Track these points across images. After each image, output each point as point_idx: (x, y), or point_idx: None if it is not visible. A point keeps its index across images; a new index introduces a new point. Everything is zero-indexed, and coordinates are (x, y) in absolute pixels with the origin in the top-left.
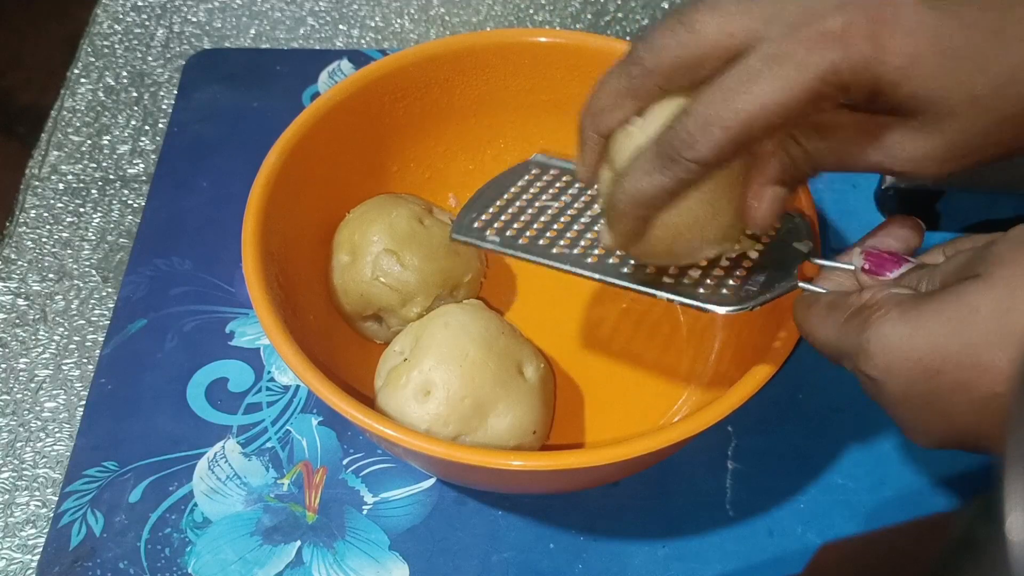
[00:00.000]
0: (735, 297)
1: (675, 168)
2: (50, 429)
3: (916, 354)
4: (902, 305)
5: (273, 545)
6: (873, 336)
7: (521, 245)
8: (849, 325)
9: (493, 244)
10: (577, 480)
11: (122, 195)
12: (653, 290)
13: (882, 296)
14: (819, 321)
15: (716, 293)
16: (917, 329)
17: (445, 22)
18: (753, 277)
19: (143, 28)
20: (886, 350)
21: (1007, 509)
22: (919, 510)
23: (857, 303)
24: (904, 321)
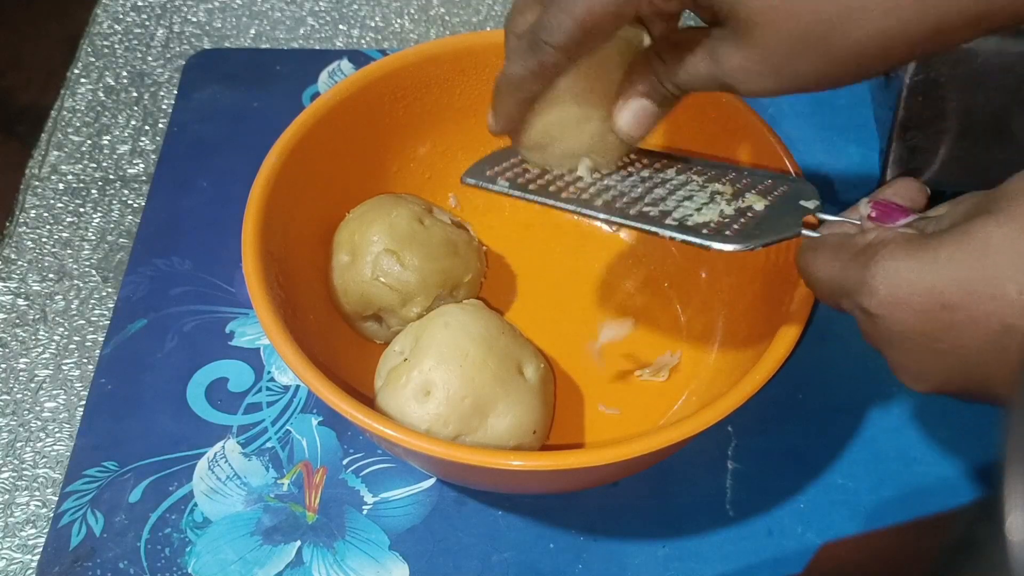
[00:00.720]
0: (738, 238)
1: (538, 52)
2: (50, 429)
3: (927, 288)
4: (911, 242)
5: (273, 545)
6: (880, 271)
7: (531, 190)
8: (854, 261)
9: (503, 188)
10: (577, 480)
11: (122, 195)
12: (656, 228)
13: (889, 235)
14: (823, 260)
15: (719, 234)
16: (928, 263)
17: (445, 22)
18: (757, 225)
19: (143, 28)
20: (892, 283)
21: (1007, 509)
22: (919, 510)
23: (863, 241)
24: (913, 257)
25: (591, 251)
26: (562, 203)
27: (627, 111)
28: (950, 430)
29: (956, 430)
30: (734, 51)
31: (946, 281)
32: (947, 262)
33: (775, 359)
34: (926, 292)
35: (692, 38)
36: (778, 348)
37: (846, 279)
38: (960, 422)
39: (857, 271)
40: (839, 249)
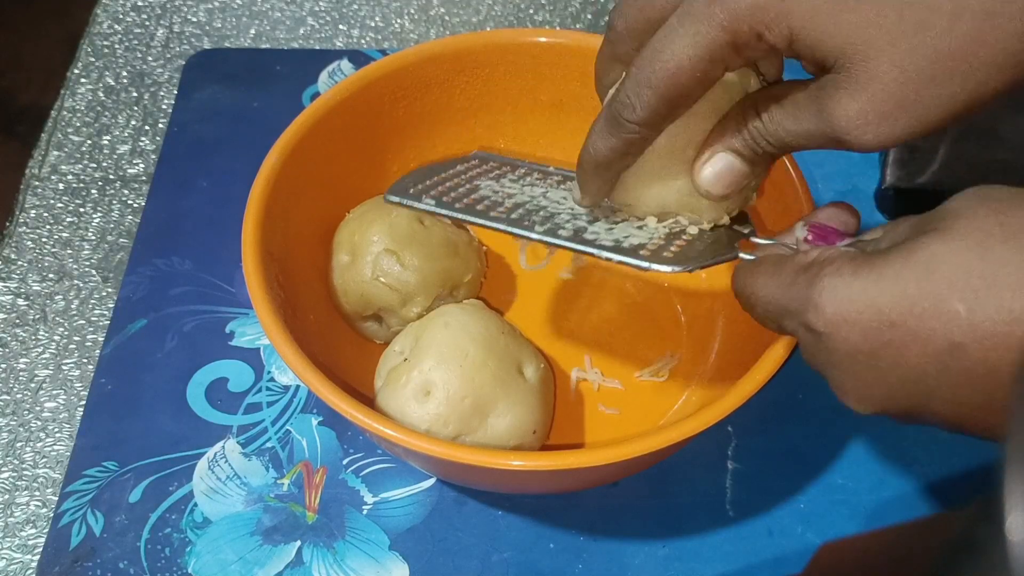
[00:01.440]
0: (676, 260)
1: (620, 131)
2: (50, 429)
3: (873, 306)
4: (855, 260)
5: (273, 545)
6: (826, 288)
7: (459, 208)
8: (797, 280)
9: (429, 205)
10: (577, 480)
11: (122, 195)
12: (592, 249)
13: (832, 253)
14: (764, 279)
15: (656, 256)
16: (875, 280)
17: (445, 22)
18: (693, 247)
19: (143, 28)
20: (838, 301)
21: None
22: (919, 510)
23: (805, 260)
24: (858, 274)
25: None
26: (491, 222)
27: (710, 167)
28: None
29: None
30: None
31: (893, 298)
32: (893, 279)
33: (775, 359)
34: (873, 310)
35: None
36: (778, 348)
37: (789, 298)
38: None
39: (801, 289)
40: (780, 268)
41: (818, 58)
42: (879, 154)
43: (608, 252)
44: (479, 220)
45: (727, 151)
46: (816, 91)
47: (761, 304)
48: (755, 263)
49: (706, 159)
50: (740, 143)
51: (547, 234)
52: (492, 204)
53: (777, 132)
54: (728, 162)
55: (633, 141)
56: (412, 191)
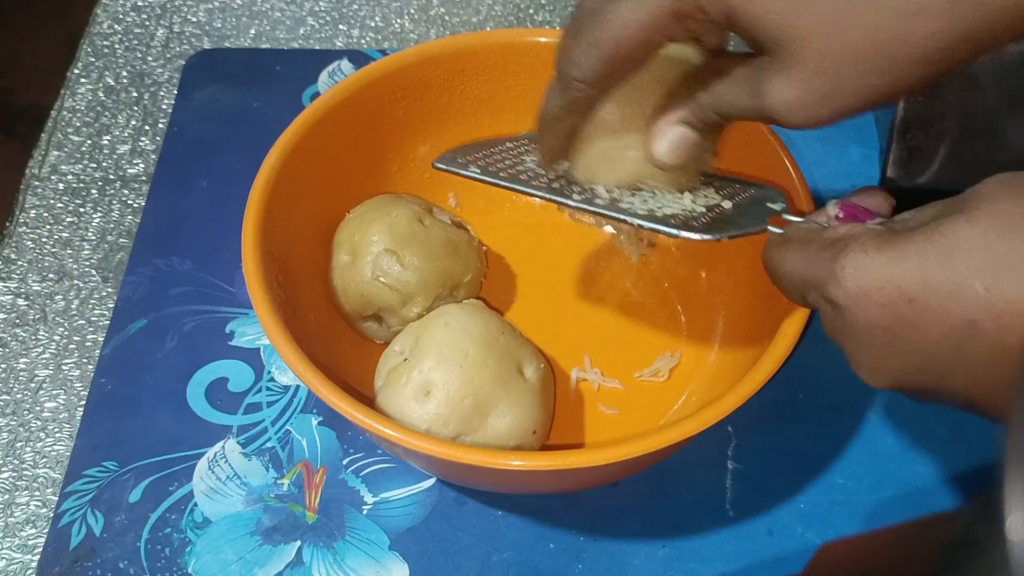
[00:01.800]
0: (707, 228)
1: (567, 88)
2: (50, 429)
3: (895, 280)
4: (880, 237)
5: (273, 545)
6: (849, 262)
7: (502, 176)
8: (824, 254)
9: (474, 173)
10: (577, 480)
11: (122, 195)
12: (625, 216)
13: (859, 230)
14: (792, 253)
15: (687, 226)
16: (897, 257)
17: (445, 22)
18: (725, 219)
19: (143, 28)
20: (860, 276)
21: (1007, 509)
22: (919, 510)
23: (833, 235)
24: (882, 250)
25: (591, 251)
26: (532, 189)
27: (664, 139)
28: (950, 430)
29: (956, 430)
30: (782, 83)
31: (913, 276)
32: (916, 257)
33: (775, 359)
34: (893, 286)
35: (736, 64)
36: (778, 348)
37: (814, 271)
38: (960, 422)
39: (826, 263)
40: (807, 242)
41: (753, 38)
42: (879, 154)
43: (640, 220)
44: (521, 187)
45: (678, 123)
46: (753, 71)
47: (787, 277)
48: (784, 236)
49: (659, 132)
50: (689, 115)
51: (584, 202)
52: (534, 175)
53: (720, 105)
54: (680, 133)
55: (578, 99)
56: (460, 160)
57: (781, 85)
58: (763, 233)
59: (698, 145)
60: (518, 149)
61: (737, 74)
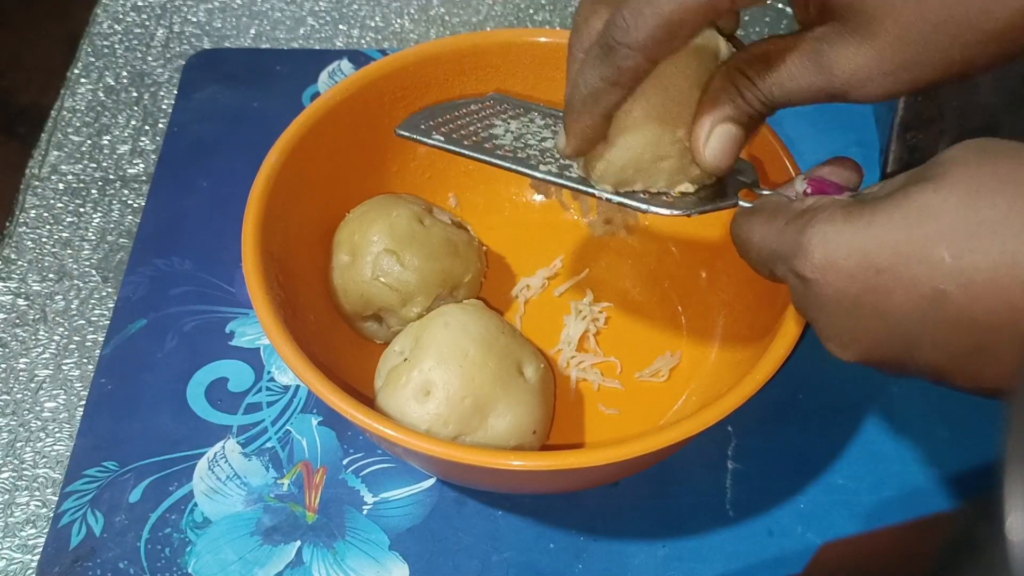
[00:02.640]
0: (675, 204)
1: (612, 56)
2: (50, 429)
3: (860, 251)
4: (847, 207)
5: (273, 545)
6: (816, 233)
7: (466, 145)
8: (791, 226)
9: (438, 142)
10: (577, 480)
11: (122, 195)
12: (594, 189)
13: (826, 201)
14: (759, 225)
15: (656, 199)
16: (864, 227)
17: (445, 22)
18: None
19: (143, 28)
20: (827, 246)
21: (1007, 509)
22: (919, 510)
23: (800, 207)
24: (849, 220)
25: (591, 251)
26: (497, 160)
27: (715, 142)
28: (950, 430)
29: (956, 430)
30: (852, 52)
31: (880, 244)
32: (882, 226)
33: (775, 359)
34: (860, 255)
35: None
36: (778, 348)
37: (781, 243)
38: (960, 422)
39: (792, 235)
40: (775, 214)
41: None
42: (879, 154)
43: (608, 194)
44: (484, 157)
45: (726, 122)
46: (816, 43)
47: (755, 249)
48: (753, 209)
49: (706, 134)
50: (734, 111)
51: (549, 174)
52: (499, 145)
53: (771, 91)
54: (729, 133)
55: (625, 68)
56: (423, 127)
57: (852, 54)
58: (734, 207)
59: (744, 142)
60: (483, 112)
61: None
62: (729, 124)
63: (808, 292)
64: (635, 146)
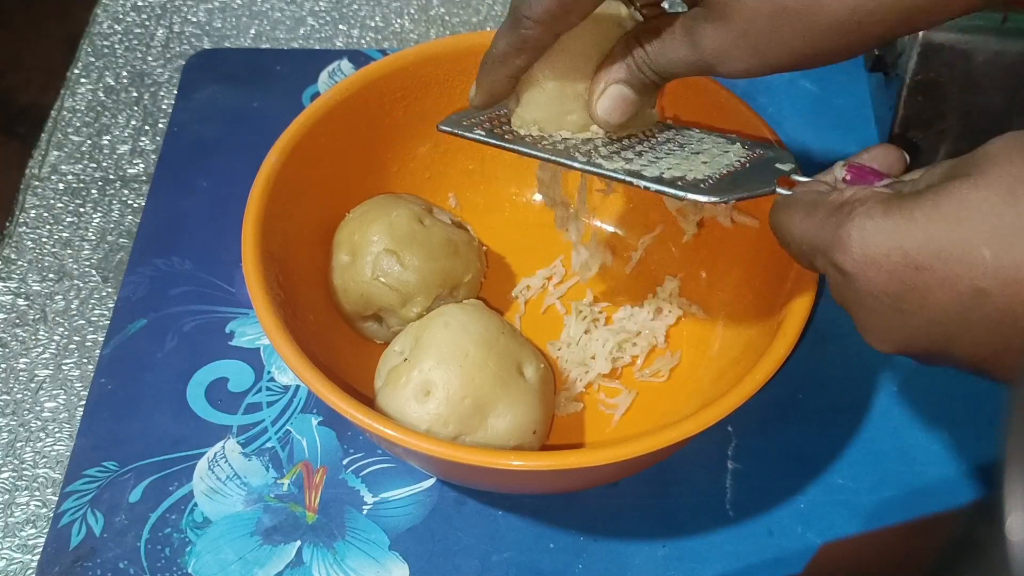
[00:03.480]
0: (713, 190)
1: (518, 26)
2: (50, 429)
3: (902, 247)
4: (887, 201)
5: (273, 545)
6: (855, 228)
7: (507, 139)
8: (829, 219)
9: (479, 136)
10: (577, 480)
11: (122, 195)
12: (632, 179)
13: (865, 193)
14: (798, 217)
15: (694, 187)
16: (903, 223)
17: (445, 22)
18: (732, 181)
19: (143, 28)
20: (866, 242)
21: (1007, 509)
22: (919, 510)
23: (839, 199)
24: (888, 216)
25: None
26: (539, 152)
27: (605, 98)
28: (950, 430)
29: (956, 430)
30: (713, 32)
31: (919, 242)
32: (921, 223)
33: (775, 359)
34: (899, 252)
35: (671, 22)
36: (778, 348)
37: (820, 236)
38: (960, 422)
39: (832, 228)
40: (814, 206)
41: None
42: None
43: (647, 182)
44: (526, 150)
45: (616, 83)
46: (688, 21)
47: (794, 241)
48: (792, 199)
49: (599, 93)
50: (627, 74)
51: (589, 164)
52: (539, 138)
53: (658, 61)
54: (620, 91)
55: (527, 37)
56: (465, 123)
57: (715, 35)
58: (771, 195)
59: (636, 104)
60: None
61: (672, 30)
62: (620, 85)
63: (847, 286)
64: (541, 102)
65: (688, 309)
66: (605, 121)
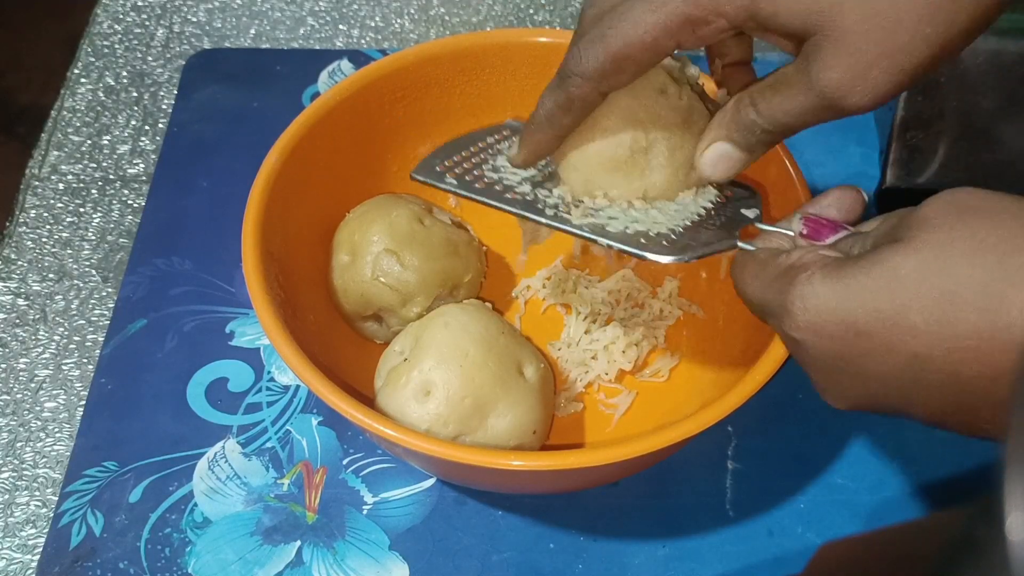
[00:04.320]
0: (674, 249)
1: (565, 83)
2: (50, 429)
3: (838, 315)
4: (827, 268)
5: (273, 545)
6: (796, 297)
7: (477, 188)
8: (775, 284)
9: (450, 186)
10: (577, 480)
11: (122, 195)
12: (597, 237)
13: (809, 257)
14: (750, 278)
15: (656, 244)
16: (842, 290)
17: (445, 22)
18: (696, 234)
19: (143, 28)
20: (807, 310)
21: (1007, 509)
22: (919, 510)
23: (786, 263)
24: (827, 283)
25: (591, 251)
26: (506, 205)
27: (711, 152)
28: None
29: None
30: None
31: (858, 309)
32: (860, 290)
33: (775, 359)
34: (839, 319)
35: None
36: (778, 348)
37: (768, 300)
38: None
39: (777, 294)
40: (763, 268)
41: (785, 27)
42: (879, 154)
43: (610, 240)
44: (494, 203)
45: (723, 140)
46: (801, 62)
47: (747, 301)
48: (746, 257)
49: (703, 148)
50: (735, 132)
51: (555, 220)
52: (509, 186)
53: (774, 115)
54: (724, 150)
55: (574, 95)
56: (438, 168)
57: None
58: (733, 250)
59: (743, 162)
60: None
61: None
62: (726, 143)
63: (797, 350)
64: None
65: (688, 309)
66: (708, 176)
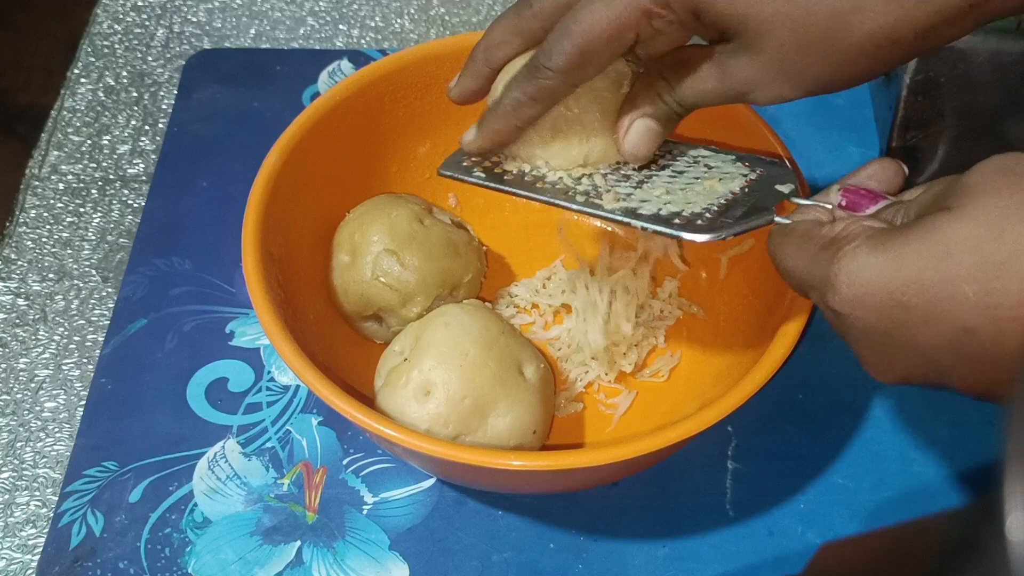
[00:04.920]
0: (709, 227)
1: (536, 75)
2: (50, 429)
3: (886, 288)
4: (873, 239)
5: (273, 545)
6: (842, 268)
7: (507, 180)
8: (819, 257)
9: (479, 179)
10: (577, 480)
11: (122, 195)
12: (630, 219)
13: (854, 228)
14: (791, 250)
15: (690, 224)
16: (889, 262)
17: (445, 22)
18: (731, 212)
19: (143, 28)
20: (852, 283)
21: (1007, 509)
22: (919, 510)
23: (829, 234)
24: (874, 254)
25: (591, 252)
26: (538, 195)
27: (632, 132)
28: (950, 430)
29: (956, 430)
30: (746, 63)
31: (906, 281)
32: (906, 261)
33: (775, 359)
34: (886, 292)
35: (696, 56)
36: (778, 348)
37: (811, 274)
38: (960, 422)
39: (821, 267)
40: (806, 240)
41: (719, 27)
42: (879, 154)
43: (644, 222)
44: (526, 193)
45: (643, 117)
46: (718, 56)
47: (788, 274)
48: (787, 230)
49: (625, 128)
50: (653, 108)
51: (587, 205)
52: (538, 176)
53: (684, 94)
54: (646, 125)
55: (545, 87)
56: (465, 164)
57: (748, 66)
58: (770, 225)
59: (661, 135)
60: None
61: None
62: (648, 119)
63: (841, 324)
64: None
65: (688, 309)
66: (633, 155)
